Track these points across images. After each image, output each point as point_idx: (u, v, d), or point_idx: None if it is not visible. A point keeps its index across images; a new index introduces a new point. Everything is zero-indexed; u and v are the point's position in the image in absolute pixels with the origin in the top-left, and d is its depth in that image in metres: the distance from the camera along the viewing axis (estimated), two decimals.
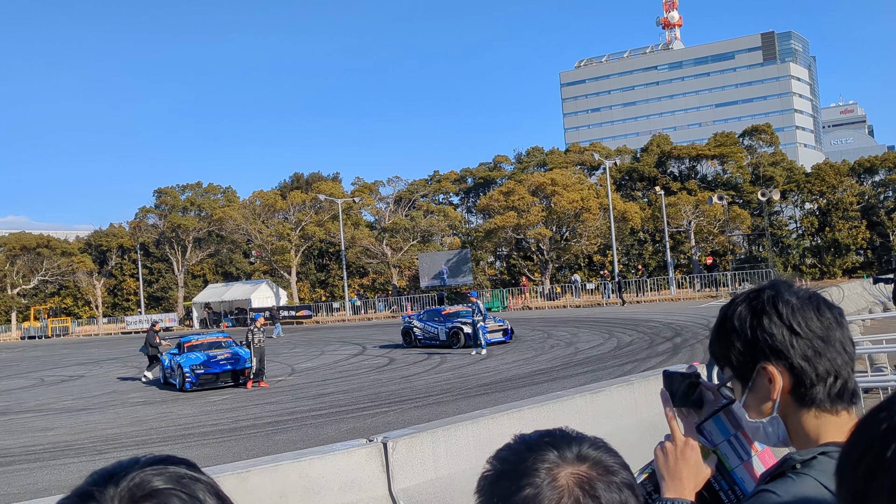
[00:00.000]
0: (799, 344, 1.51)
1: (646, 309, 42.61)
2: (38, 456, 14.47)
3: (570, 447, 1.12)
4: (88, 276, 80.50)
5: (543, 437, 1.16)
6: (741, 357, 1.58)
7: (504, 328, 29.30)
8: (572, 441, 1.14)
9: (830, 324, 1.53)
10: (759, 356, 1.55)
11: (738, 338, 1.57)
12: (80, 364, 37.46)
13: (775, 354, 1.53)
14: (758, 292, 1.59)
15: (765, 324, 1.54)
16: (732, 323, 1.59)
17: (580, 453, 1.11)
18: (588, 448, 1.13)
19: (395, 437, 6.30)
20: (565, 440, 1.14)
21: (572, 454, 1.11)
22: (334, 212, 69.50)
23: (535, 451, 1.12)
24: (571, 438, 1.15)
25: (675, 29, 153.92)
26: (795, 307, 1.53)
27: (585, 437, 1.16)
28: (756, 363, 1.55)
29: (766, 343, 1.53)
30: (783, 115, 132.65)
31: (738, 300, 1.62)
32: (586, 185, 64.20)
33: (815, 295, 1.58)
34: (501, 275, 71.30)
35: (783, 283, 1.60)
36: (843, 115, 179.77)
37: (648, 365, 19.27)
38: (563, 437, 1.15)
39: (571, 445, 1.12)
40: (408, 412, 15.72)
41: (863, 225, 61.42)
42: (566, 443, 1.13)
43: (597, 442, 1.16)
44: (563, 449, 1.11)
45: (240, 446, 13.76)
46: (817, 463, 1.43)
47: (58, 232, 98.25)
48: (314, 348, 35.19)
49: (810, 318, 1.52)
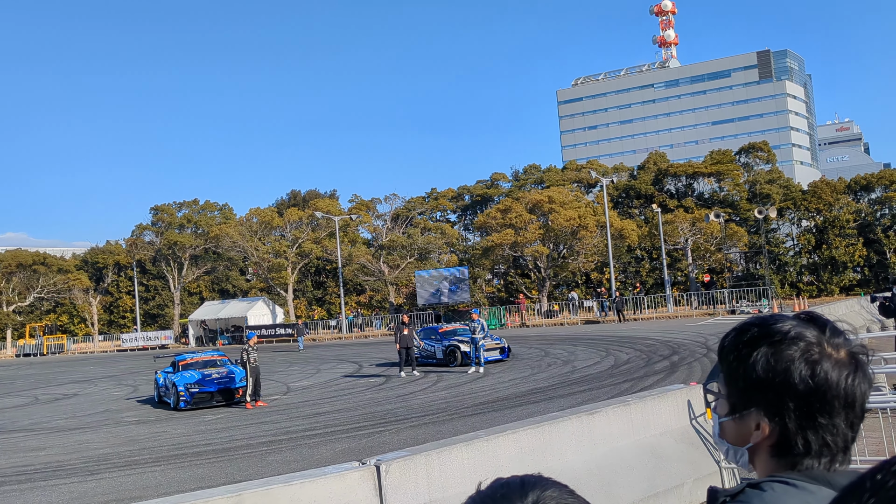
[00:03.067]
0: (806, 413, 1.37)
1: (643, 327, 42.51)
2: (30, 476, 14.31)
3: (524, 499, 1.09)
4: (84, 294, 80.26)
5: (500, 488, 1.12)
6: (740, 392, 1.46)
7: (501, 346, 29.17)
8: (529, 493, 1.10)
9: (853, 398, 1.38)
10: (758, 401, 1.42)
11: (748, 375, 1.43)
12: (74, 382, 37.23)
13: (774, 411, 1.40)
14: (790, 338, 1.41)
15: (786, 379, 1.38)
16: (748, 357, 1.43)
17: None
18: (546, 497, 1.09)
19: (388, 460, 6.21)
20: (522, 491, 1.10)
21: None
22: (331, 229, 69.45)
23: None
24: (529, 489, 1.11)
25: (672, 47, 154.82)
26: (829, 372, 1.37)
27: (548, 485, 1.12)
28: (752, 404, 1.44)
29: (773, 398, 1.40)
30: (779, 132, 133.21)
31: (762, 333, 1.44)
32: (583, 202, 64.25)
33: (855, 357, 1.41)
34: (499, 292, 71.18)
35: (824, 333, 1.41)
36: (839, 133, 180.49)
37: (646, 384, 19.16)
38: (521, 487, 1.12)
39: (528, 496, 1.09)
40: (403, 432, 15.59)
41: (859, 242, 61.46)
42: (522, 496, 1.09)
43: (559, 489, 1.12)
44: (517, 502, 1.08)
45: (233, 467, 13.61)
46: (744, 497, 1.34)
47: (55, 249, 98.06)
48: (310, 366, 35.01)
49: (837, 387, 1.37)
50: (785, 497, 1.30)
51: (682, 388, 9.56)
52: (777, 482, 1.33)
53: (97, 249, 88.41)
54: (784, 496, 1.30)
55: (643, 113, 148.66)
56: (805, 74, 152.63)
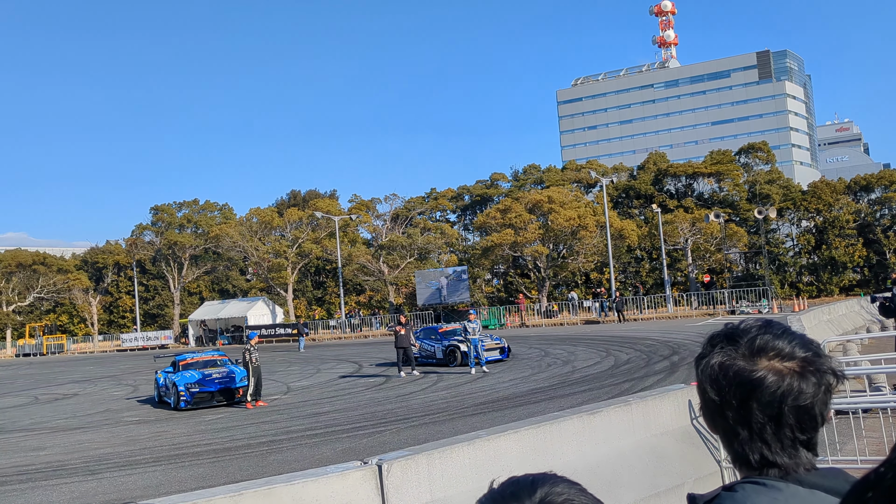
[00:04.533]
0: (729, 425, 1.47)
1: (643, 327, 42.52)
2: (31, 476, 14.31)
3: (533, 496, 1.10)
4: (84, 294, 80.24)
5: (510, 486, 1.15)
6: (700, 395, 1.55)
7: (501, 346, 29.18)
8: (538, 489, 1.12)
9: (777, 410, 1.44)
10: (704, 411, 1.54)
11: (699, 386, 1.54)
12: (74, 382, 37.24)
13: (710, 421, 1.52)
14: (717, 351, 1.50)
15: (703, 392, 1.51)
16: (701, 365, 1.53)
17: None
18: (554, 493, 1.11)
19: (390, 460, 6.21)
20: (531, 489, 1.12)
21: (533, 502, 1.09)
22: (331, 229, 69.45)
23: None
24: (539, 486, 1.13)
25: (672, 47, 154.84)
26: (734, 385, 1.45)
27: (557, 482, 1.14)
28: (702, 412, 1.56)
29: (705, 409, 1.52)
30: (779, 133, 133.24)
31: (725, 343, 1.51)
32: (583, 202, 64.25)
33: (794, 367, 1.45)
34: (498, 292, 71.17)
35: (750, 345, 1.47)
36: (839, 134, 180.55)
37: (646, 384, 19.17)
38: (530, 485, 1.14)
39: (536, 493, 1.11)
40: (403, 432, 15.60)
41: (859, 243, 61.49)
42: (531, 493, 1.11)
43: (568, 486, 1.14)
44: (525, 499, 1.10)
45: (233, 466, 13.62)
46: (718, 500, 1.43)
47: (55, 249, 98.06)
48: (310, 366, 35.01)
49: (760, 396, 1.43)
50: (754, 496, 1.39)
51: (683, 388, 9.57)
52: (749, 483, 1.42)
53: (97, 249, 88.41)
54: (754, 495, 1.40)
55: (643, 113, 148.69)
56: (805, 75, 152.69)
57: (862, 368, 11.73)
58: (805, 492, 1.37)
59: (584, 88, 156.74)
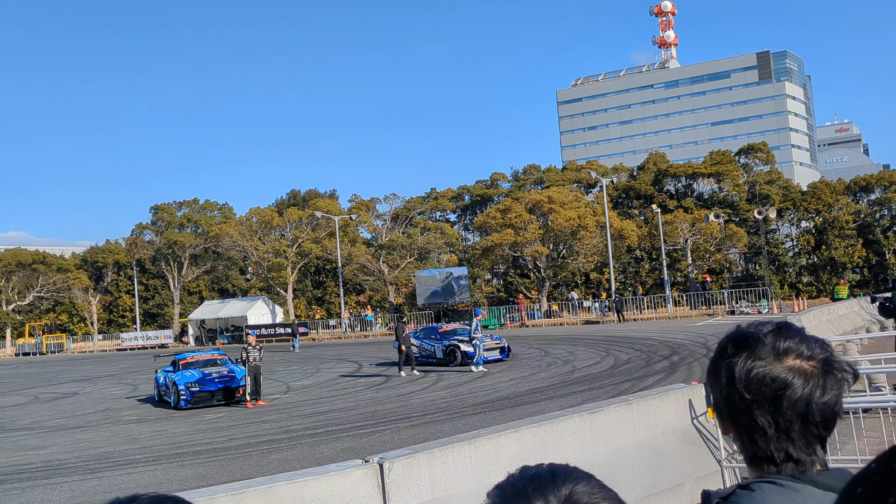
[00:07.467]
0: (750, 423, 1.47)
1: (642, 327, 42.53)
2: (31, 475, 14.32)
3: (557, 493, 1.08)
4: (84, 293, 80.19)
5: (531, 481, 1.11)
6: (722, 397, 1.54)
7: (501, 346, 29.19)
8: (561, 486, 1.09)
9: (804, 409, 1.45)
10: (720, 409, 1.53)
11: (716, 383, 1.53)
12: (74, 381, 37.23)
13: (731, 419, 1.51)
14: (743, 350, 1.50)
15: (728, 391, 1.49)
16: (716, 365, 1.54)
17: (569, 498, 1.07)
18: (579, 493, 1.08)
19: (391, 458, 6.22)
20: (554, 484, 1.09)
21: (558, 501, 1.07)
22: (331, 229, 69.43)
23: (521, 498, 1.08)
24: (561, 482, 1.10)
25: (672, 48, 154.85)
26: (764, 383, 1.46)
27: (578, 479, 1.11)
28: (717, 411, 1.55)
29: (724, 407, 1.51)
30: (779, 133, 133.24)
31: (729, 344, 1.54)
32: (583, 202, 64.23)
33: (814, 367, 1.47)
34: (498, 292, 71.15)
35: (776, 344, 1.48)
36: (839, 134, 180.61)
37: (646, 384, 19.18)
38: (552, 479, 1.11)
39: (560, 490, 1.08)
40: (404, 431, 15.60)
41: (859, 243, 61.48)
42: (554, 489, 1.08)
43: (589, 483, 1.11)
44: (550, 496, 1.07)
45: (234, 465, 13.63)
46: (735, 498, 1.43)
47: (55, 248, 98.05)
48: (310, 366, 35.02)
49: (787, 397, 1.44)
50: (772, 496, 1.40)
51: (684, 388, 9.58)
52: (765, 482, 1.43)
53: (97, 248, 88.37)
54: (772, 495, 1.40)
55: (643, 113, 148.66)
56: (804, 75, 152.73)
57: (862, 368, 11.73)
58: (821, 494, 1.38)
59: (584, 89, 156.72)
